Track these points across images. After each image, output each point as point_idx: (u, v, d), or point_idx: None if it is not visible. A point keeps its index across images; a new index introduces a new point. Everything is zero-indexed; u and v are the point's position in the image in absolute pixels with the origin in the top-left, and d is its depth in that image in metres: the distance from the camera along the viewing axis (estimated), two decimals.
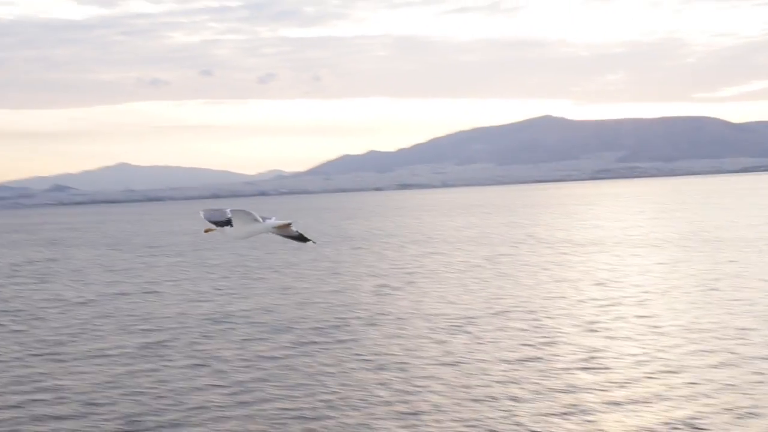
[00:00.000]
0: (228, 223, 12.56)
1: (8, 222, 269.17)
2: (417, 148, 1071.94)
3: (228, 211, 12.54)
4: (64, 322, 45.86)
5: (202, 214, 12.55)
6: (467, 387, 28.46)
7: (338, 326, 40.79)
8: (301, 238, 14.04)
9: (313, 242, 14.20)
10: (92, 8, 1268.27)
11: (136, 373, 32.61)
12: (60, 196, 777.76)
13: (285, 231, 13.79)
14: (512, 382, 28.77)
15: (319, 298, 50.94)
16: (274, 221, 13.23)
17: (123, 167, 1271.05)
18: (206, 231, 13.42)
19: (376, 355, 34.04)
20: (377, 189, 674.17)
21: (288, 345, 36.79)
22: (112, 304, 52.42)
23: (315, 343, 37.04)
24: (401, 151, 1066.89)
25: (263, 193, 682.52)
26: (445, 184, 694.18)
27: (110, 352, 36.89)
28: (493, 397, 27.12)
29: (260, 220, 13.05)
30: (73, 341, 39.91)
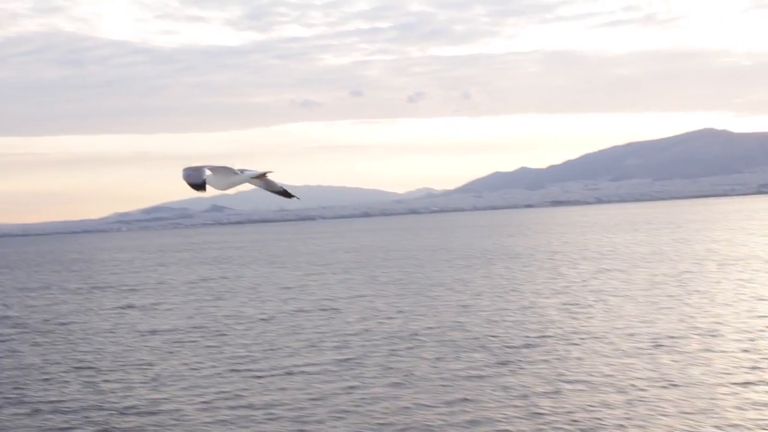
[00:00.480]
0: (203, 185, 12.68)
1: (172, 241, 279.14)
2: (569, 164, 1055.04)
3: (206, 169, 12.62)
4: (252, 338, 45.96)
5: (182, 174, 12.59)
6: (699, 411, 26.35)
7: (533, 345, 39.12)
8: (285, 194, 14.38)
9: (297, 198, 14.58)
10: (249, 34, 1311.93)
11: (336, 391, 31.93)
12: (217, 216, 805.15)
13: (268, 185, 14.10)
14: (742, 408, 26.49)
15: (504, 315, 49.40)
16: (251, 172, 13.51)
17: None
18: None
19: (585, 374, 32.23)
20: (528, 206, 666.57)
21: (486, 364, 35.40)
22: (293, 321, 52.38)
23: (514, 362, 35.52)
24: (553, 167, 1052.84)
25: (414, 212, 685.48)
26: (599, 201, 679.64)
27: (306, 369, 36.44)
28: (733, 424, 24.94)
29: (239, 173, 13.29)
30: (267, 358, 39.75)
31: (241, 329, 49.78)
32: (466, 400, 29.44)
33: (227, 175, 13.37)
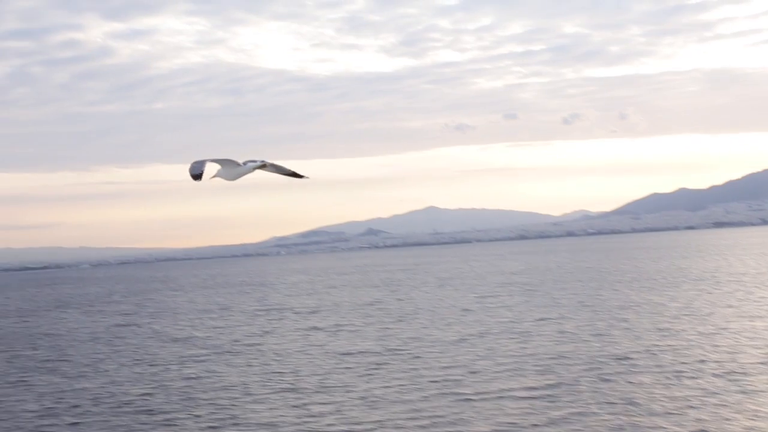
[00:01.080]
0: (200, 175, 13.89)
1: (335, 264, 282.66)
2: (731, 184, 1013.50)
3: (208, 162, 13.98)
4: (450, 361, 44.88)
5: (188, 168, 13.91)
6: None
7: (753, 371, 36.45)
8: (295, 174, 15.68)
9: (306, 177, 15.79)
10: (402, 60, 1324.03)
11: (562, 417, 30.41)
12: (372, 239, 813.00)
13: (278, 169, 15.33)
14: None
15: (713, 339, 46.61)
16: (254, 163, 14.84)
17: (431, 210, 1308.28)
18: (211, 177, 14.88)
19: None
20: (689, 227, 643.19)
21: (713, 389, 33.11)
22: (485, 343, 51.05)
23: (743, 387, 33.07)
24: (714, 188, 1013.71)
25: (571, 234, 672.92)
26: (764, 222, 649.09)
27: (516, 394, 35.07)
28: None
29: (242, 165, 14.66)
30: (474, 381, 38.59)
31: (434, 352, 48.81)
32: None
33: (233, 167, 14.79)
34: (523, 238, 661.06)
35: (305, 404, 36.11)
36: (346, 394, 37.66)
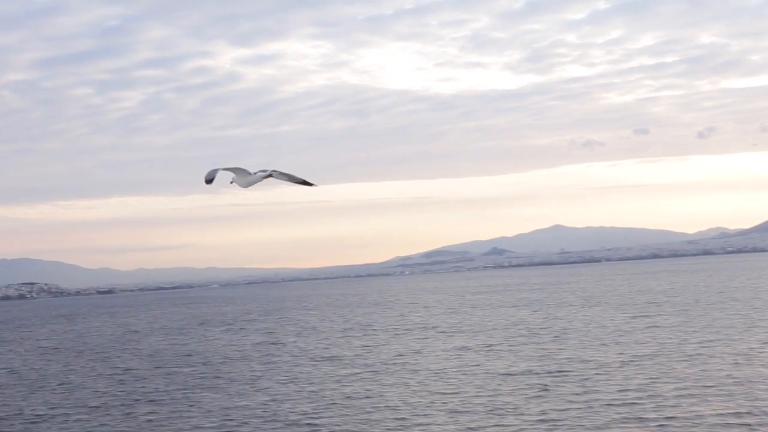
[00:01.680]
0: (212, 180, 15.73)
1: (463, 284, 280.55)
2: None
3: (221, 170, 15.83)
4: (620, 383, 42.55)
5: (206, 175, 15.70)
6: None
7: None
8: (306, 183, 17.12)
9: (315, 185, 17.22)
10: (528, 77, 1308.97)
11: None
12: (497, 258, 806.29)
13: (290, 178, 16.78)
14: None
15: None
16: (263, 172, 16.47)
17: (557, 229, 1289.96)
18: (230, 183, 16.74)
19: None
20: None
21: None
22: (656, 365, 48.39)
23: None
24: None
25: (707, 252, 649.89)
26: None
27: (707, 421, 32.60)
28: None
29: (252, 174, 16.36)
30: (659, 406, 36.23)
31: (602, 373, 46.44)
32: None
33: (244, 175, 16.53)
34: (655, 257, 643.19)
35: (482, 427, 34.51)
36: (520, 417, 35.92)
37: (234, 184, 16.63)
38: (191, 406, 44.29)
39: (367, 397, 43.41)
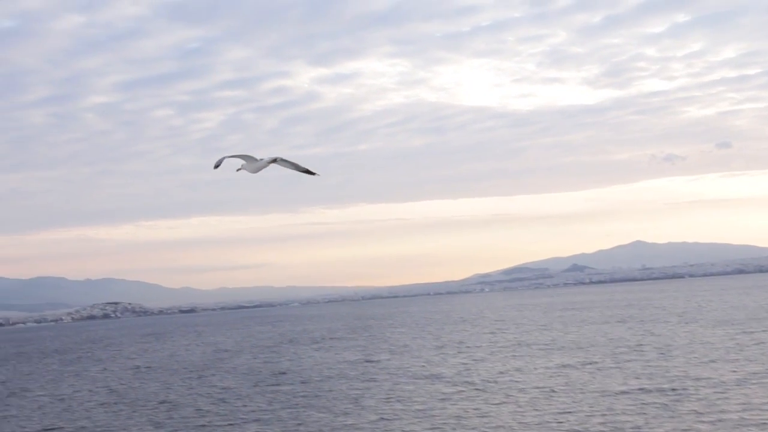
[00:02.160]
0: (218, 166, 16.97)
1: (549, 300, 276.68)
2: None
3: (227, 157, 17.03)
4: (743, 403, 40.65)
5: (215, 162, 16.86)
6: None
7: None
8: (308, 172, 17.99)
9: (317, 174, 17.99)
10: (607, 91, 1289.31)
11: None
12: (578, 275, 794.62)
13: (294, 166, 17.78)
14: None
15: None
16: (267, 159, 17.46)
17: (637, 245, 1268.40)
18: (237, 170, 17.81)
19: None
20: None
21: None
22: None
23: None
24: None
25: None
26: None
27: None
28: None
29: (259, 160, 17.43)
30: None
31: (720, 391, 44.52)
32: None
33: (252, 161, 17.42)
34: (741, 272, 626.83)
35: None
36: None
37: (242, 170, 17.52)
38: (299, 425, 43.71)
39: (479, 417, 42.28)
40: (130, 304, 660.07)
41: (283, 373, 72.56)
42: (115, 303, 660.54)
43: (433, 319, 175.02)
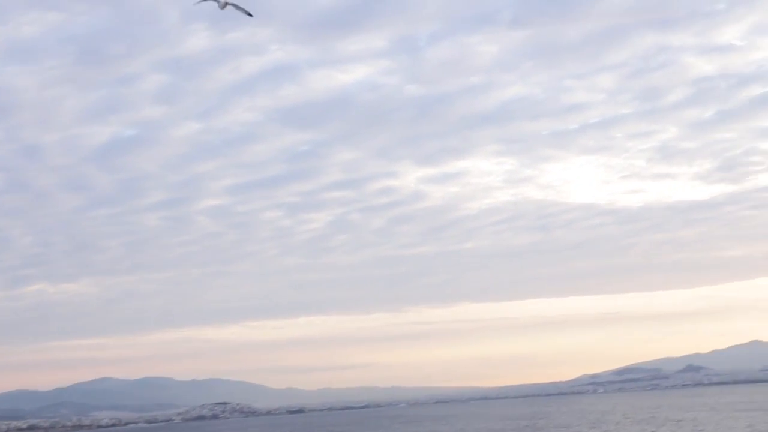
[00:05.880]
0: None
1: (686, 402, 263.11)
2: None
3: None
4: None
5: None
6: None
7: None
8: (248, 13, 21.62)
9: (251, 15, 20.93)
10: (719, 186, 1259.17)
11: None
12: (695, 376, 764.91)
13: (236, 7, 21.34)
14: None
15: None
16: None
17: (755, 345, 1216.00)
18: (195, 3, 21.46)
19: None
20: None
21: None
22: None
23: None
24: None
25: None
26: None
27: None
28: None
29: None
30: None
31: None
32: None
33: None
34: None
35: None
36: None
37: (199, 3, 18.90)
38: None
39: None
40: (238, 404, 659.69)
41: None
42: (224, 403, 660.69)
43: (565, 421, 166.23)
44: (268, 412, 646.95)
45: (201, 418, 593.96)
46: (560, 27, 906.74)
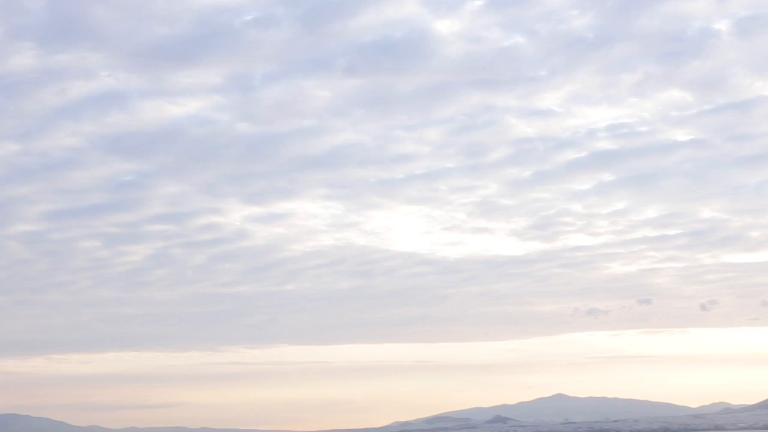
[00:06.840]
0: None
1: None
2: None
3: None
4: None
5: None
6: None
7: None
8: None
9: None
10: (533, 244, 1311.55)
11: None
12: (501, 427, 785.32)
13: None
14: None
15: None
16: None
17: (559, 398, 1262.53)
18: None
19: None
20: None
21: None
22: None
23: None
24: None
25: (719, 428, 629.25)
26: None
27: None
28: None
29: None
30: None
31: None
32: None
33: None
34: (666, 430, 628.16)
35: None
36: None
37: None
38: None
39: None
40: None
41: None
42: None
43: None
44: None
45: None
46: (393, 79, 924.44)
